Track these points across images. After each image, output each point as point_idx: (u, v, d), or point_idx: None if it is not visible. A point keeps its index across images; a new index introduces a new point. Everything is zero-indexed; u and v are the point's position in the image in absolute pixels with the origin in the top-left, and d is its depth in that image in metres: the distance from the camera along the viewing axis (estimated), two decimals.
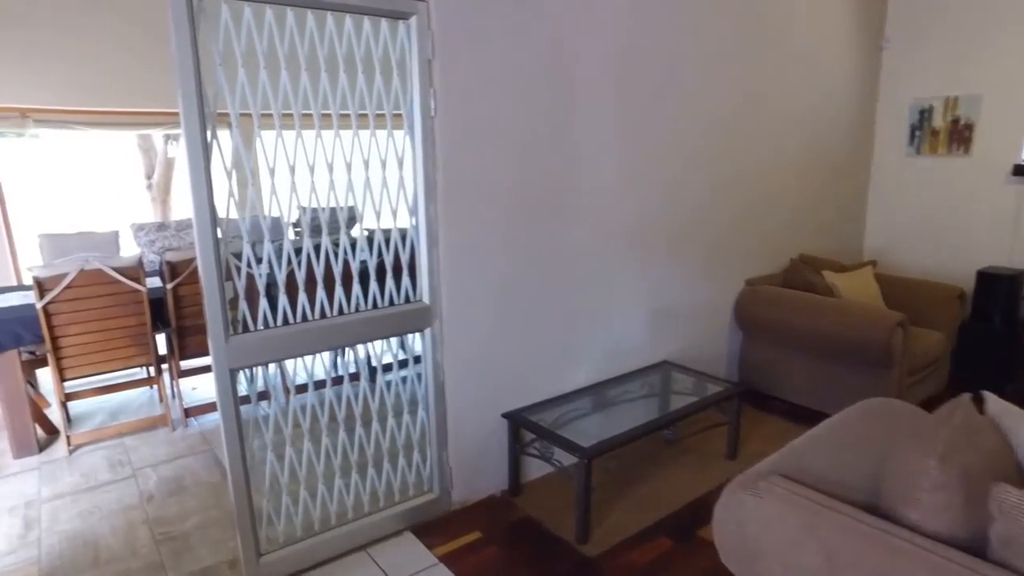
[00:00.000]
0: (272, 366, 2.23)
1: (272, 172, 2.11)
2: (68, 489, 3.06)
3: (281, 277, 2.18)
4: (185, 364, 3.80)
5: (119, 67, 5.56)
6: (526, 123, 2.59)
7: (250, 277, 2.10)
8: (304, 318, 2.24)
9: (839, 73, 4.20)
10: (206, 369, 4.13)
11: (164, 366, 3.77)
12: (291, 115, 2.14)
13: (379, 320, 2.34)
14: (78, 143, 7.38)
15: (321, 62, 2.15)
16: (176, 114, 6.09)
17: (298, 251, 2.24)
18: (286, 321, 2.20)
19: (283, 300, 2.19)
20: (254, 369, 2.15)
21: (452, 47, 2.32)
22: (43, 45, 5.24)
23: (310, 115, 2.19)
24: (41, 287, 3.08)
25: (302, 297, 2.22)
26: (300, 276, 2.22)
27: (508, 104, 2.52)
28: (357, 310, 2.35)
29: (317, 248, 2.28)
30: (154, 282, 3.77)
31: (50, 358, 3.27)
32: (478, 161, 2.47)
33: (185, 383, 4.18)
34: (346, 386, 2.41)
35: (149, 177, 6.84)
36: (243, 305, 2.09)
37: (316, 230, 2.44)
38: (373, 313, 2.34)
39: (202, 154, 1.89)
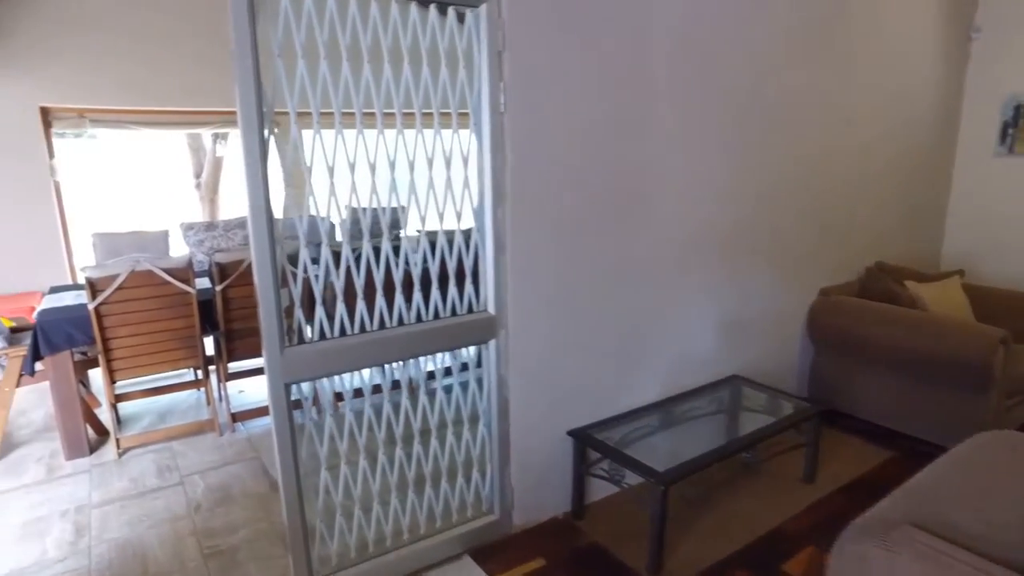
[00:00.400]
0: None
1: (331, 171, 1.97)
2: (118, 494, 2.99)
3: (339, 283, 2.04)
4: (232, 367, 3.72)
5: (171, 66, 5.56)
6: (598, 122, 2.40)
7: (307, 283, 1.97)
8: (362, 329, 2.10)
9: (922, 66, 3.90)
10: (253, 372, 4.06)
11: (211, 367, 3.70)
12: (352, 113, 1.99)
13: (441, 332, 2.19)
14: (131, 143, 7.47)
15: (384, 54, 2.00)
16: (224, 113, 6.09)
17: (356, 256, 2.10)
18: (343, 332, 2.06)
19: (340, 308, 2.05)
20: (311, 383, 2.02)
21: (524, 39, 2.15)
22: (99, 46, 5.27)
23: (371, 114, 2.04)
24: (93, 288, 3.02)
25: (360, 305, 2.08)
26: (359, 282, 2.07)
27: (580, 101, 2.33)
28: (419, 320, 2.20)
29: (376, 252, 2.13)
30: (202, 283, 3.70)
31: (101, 359, 3.22)
32: (547, 162, 2.29)
33: (232, 386, 4.12)
34: (404, 398, 2.26)
35: (198, 176, 6.87)
36: (298, 314, 1.96)
37: (375, 233, 2.29)
38: (435, 324, 2.19)
39: (259, 153, 1.76)
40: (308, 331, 2.01)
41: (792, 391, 3.62)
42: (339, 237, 2.16)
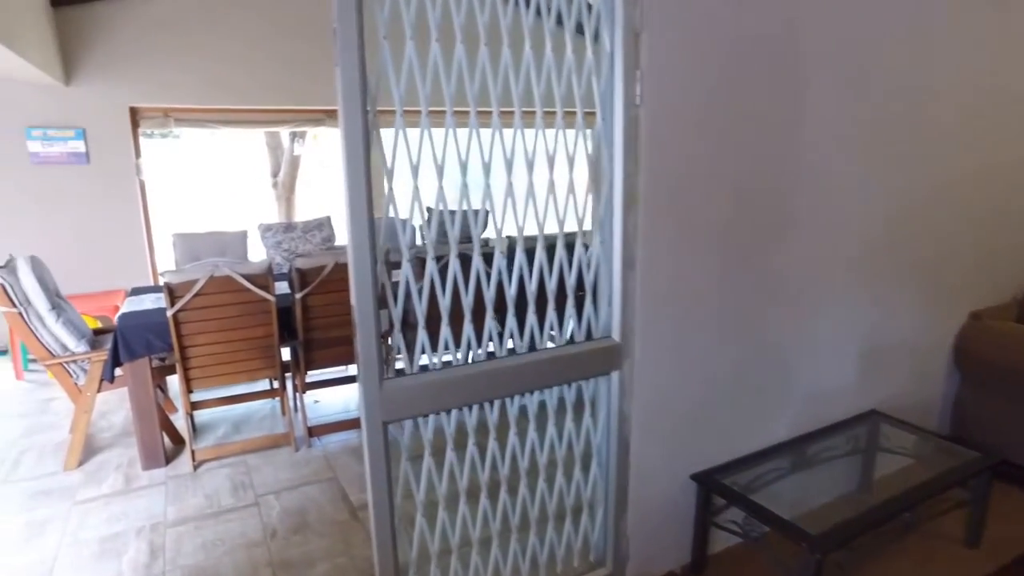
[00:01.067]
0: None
1: (440, 172, 1.69)
2: (192, 512, 2.82)
3: (444, 301, 1.76)
4: (308, 375, 3.53)
5: (252, 65, 5.49)
6: (742, 122, 2.04)
7: (408, 302, 1.69)
8: (467, 357, 1.81)
9: None
10: (330, 383, 3.88)
11: (286, 375, 3.52)
12: (465, 111, 1.70)
13: (559, 362, 1.88)
14: (211, 143, 7.52)
15: (503, 35, 1.70)
16: (303, 111, 6.00)
17: (463, 268, 1.82)
18: (446, 362, 1.78)
19: (445, 332, 1.77)
20: (412, 420, 1.74)
21: (666, 17, 1.81)
22: (185, 46, 5.24)
23: (486, 112, 1.75)
24: (172, 293, 2.86)
25: (467, 329, 1.80)
26: (467, 301, 1.79)
27: (724, 96, 1.98)
28: (532, 348, 1.90)
29: (485, 263, 1.84)
30: (279, 287, 3.52)
31: (178, 368, 3.06)
32: (685, 164, 1.95)
33: (307, 395, 3.93)
34: (512, 435, 1.96)
35: (275, 175, 6.82)
36: (398, 339, 1.69)
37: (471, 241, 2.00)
38: (553, 353, 1.88)
39: (362, 150, 1.49)
40: (404, 359, 1.74)
41: (933, 428, 3.14)
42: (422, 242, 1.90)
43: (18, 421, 3.88)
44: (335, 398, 4.10)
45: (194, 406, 3.43)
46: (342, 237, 4.89)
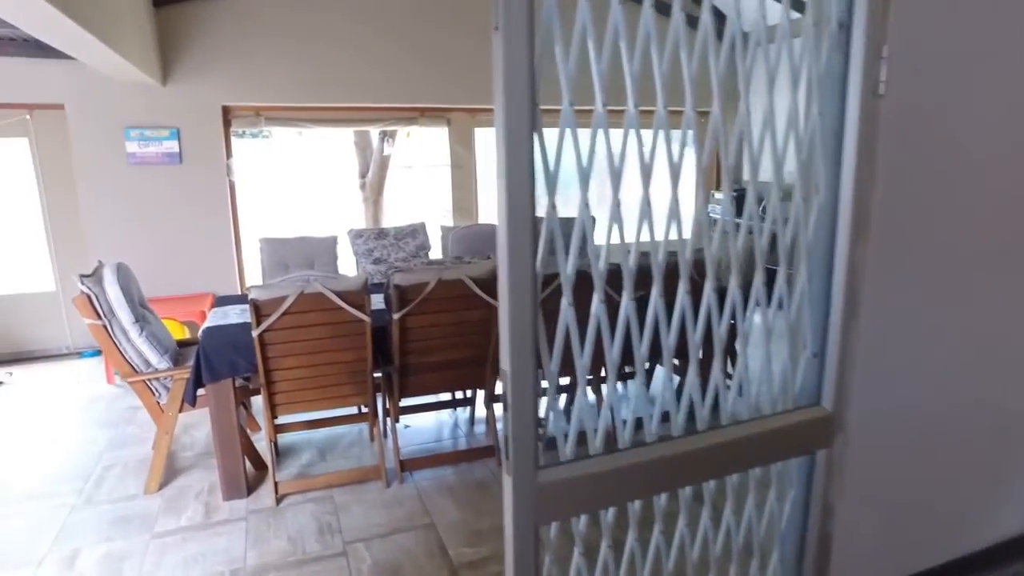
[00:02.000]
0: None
1: (616, 176, 1.25)
2: (275, 558, 2.51)
3: (613, 353, 1.31)
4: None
5: (343, 64, 5.24)
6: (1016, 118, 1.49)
7: (567, 349, 1.25)
8: (635, 438, 1.36)
9: None
10: (421, 408, 3.53)
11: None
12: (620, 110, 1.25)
13: (750, 440, 1.39)
14: (299, 143, 7.41)
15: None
16: (394, 109, 5.73)
17: (640, 304, 1.36)
18: (608, 445, 1.33)
19: (613, 393, 1.32)
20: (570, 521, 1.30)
21: None
22: (277, 45, 5.05)
23: (648, 111, 1.29)
24: (258, 311, 2.55)
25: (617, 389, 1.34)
26: (640, 350, 1.33)
27: (1006, 88, 1.44)
28: (713, 422, 1.42)
29: (667, 299, 1.38)
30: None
31: (263, 392, 2.77)
32: (943, 181, 1.42)
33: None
34: (680, 525, 1.50)
35: (363, 176, 6.60)
36: (555, 403, 1.26)
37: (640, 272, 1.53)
38: (747, 429, 1.40)
39: (525, 154, 1.06)
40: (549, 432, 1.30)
41: None
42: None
43: (105, 431, 3.73)
44: (426, 422, 3.74)
45: (277, 429, 3.15)
46: (437, 247, 4.55)
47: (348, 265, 4.28)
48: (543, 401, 1.28)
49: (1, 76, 4.53)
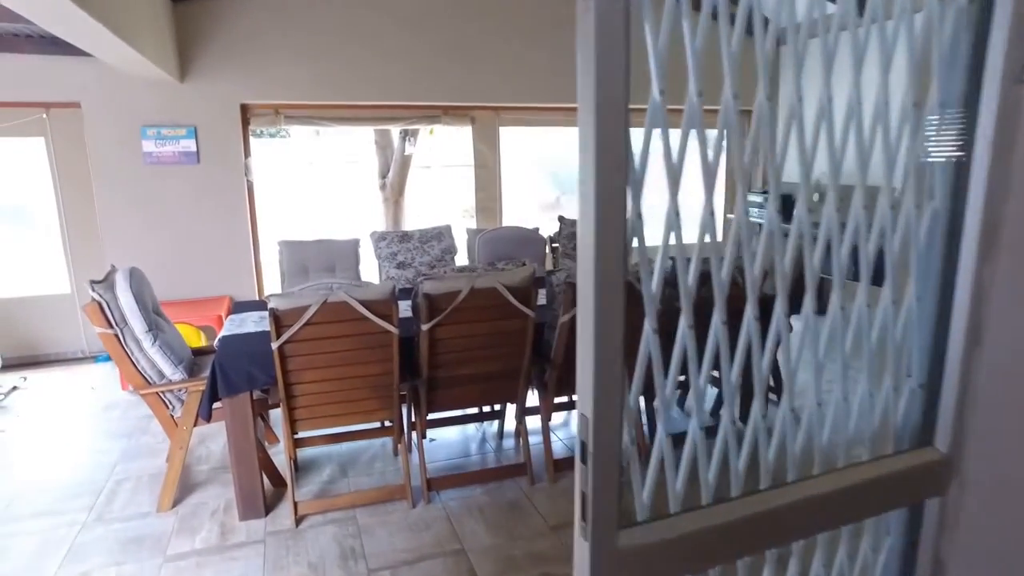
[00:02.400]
0: None
1: (711, 178, 1.05)
2: None
3: (732, 377, 1.10)
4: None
5: (364, 61, 5.08)
6: None
7: (649, 375, 1.05)
8: (720, 491, 1.15)
9: None
10: (448, 422, 3.34)
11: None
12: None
13: (853, 491, 1.18)
14: (319, 143, 7.28)
15: None
16: (417, 107, 5.56)
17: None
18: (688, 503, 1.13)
19: (696, 437, 1.12)
20: None
21: None
22: (296, 42, 4.89)
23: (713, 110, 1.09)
24: (278, 322, 2.38)
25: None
26: (729, 382, 1.13)
27: None
28: (817, 466, 1.21)
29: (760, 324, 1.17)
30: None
31: (283, 408, 2.60)
32: None
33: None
34: None
35: (383, 176, 6.44)
36: (630, 453, 1.05)
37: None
38: (843, 477, 1.19)
39: (620, 151, 0.86)
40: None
41: None
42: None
43: (118, 442, 3.59)
44: (451, 435, 3.56)
45: (296, 444, 2.98)
46: (463, 250, 4.36)
47: (370, 269, 4.11)
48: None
49: (17, 74, 4.42)
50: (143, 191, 4.74)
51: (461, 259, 4.20)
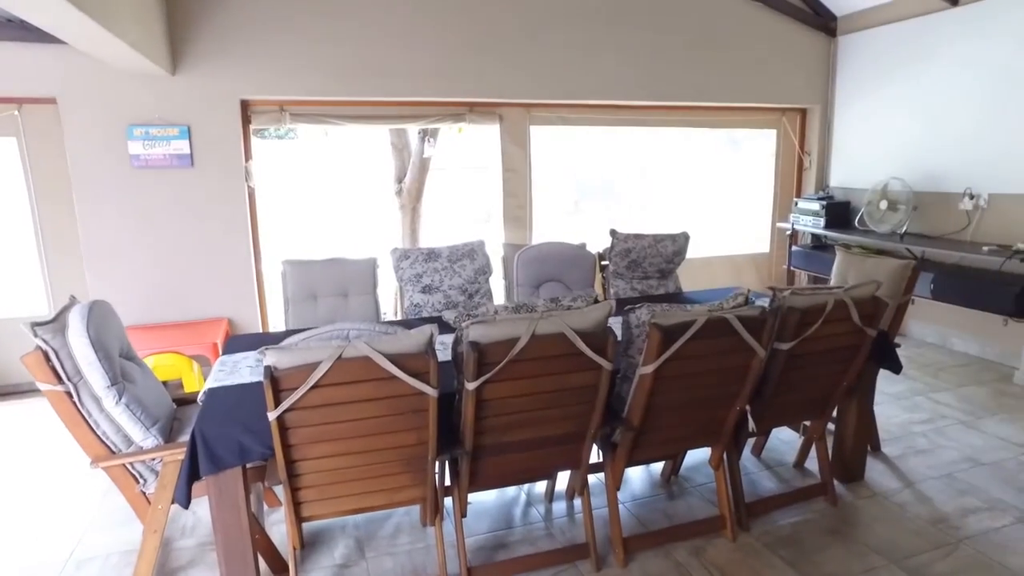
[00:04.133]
0: None
1: None
2: None
3: None
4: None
5: (380, 51, 4.46)
6: None
7: None
8: None
9: None
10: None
11: None
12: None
13: None
14: (327, 144, 6.67)
15: None
16: (440, 104, 4.93)
17: None
18: None
19: None
20: None
21: None
22: (305, 29, 4.28)
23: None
24: (277, 385, 1.75)
25: None
26: None
27: None
28: None
29: None
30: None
31: (284, 490, 1.97)
32: None
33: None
34: None
35: (400, 181, 5.83)
36: None
37: None
38: None
39: None
40: None
41: None
42: None
43: (87, 503, 2.98)
44: (488, 497, 2.92)
45: (302, 519, 2.35)
46: (498, 269, 3.72)
47: (390, 292, 3.48)
48: None
49: None
50: (129, 198, 4.14)
51: (496, 280, 3.57)
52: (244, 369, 2.41)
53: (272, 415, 1.76)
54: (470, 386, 1.93)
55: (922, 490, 2.91)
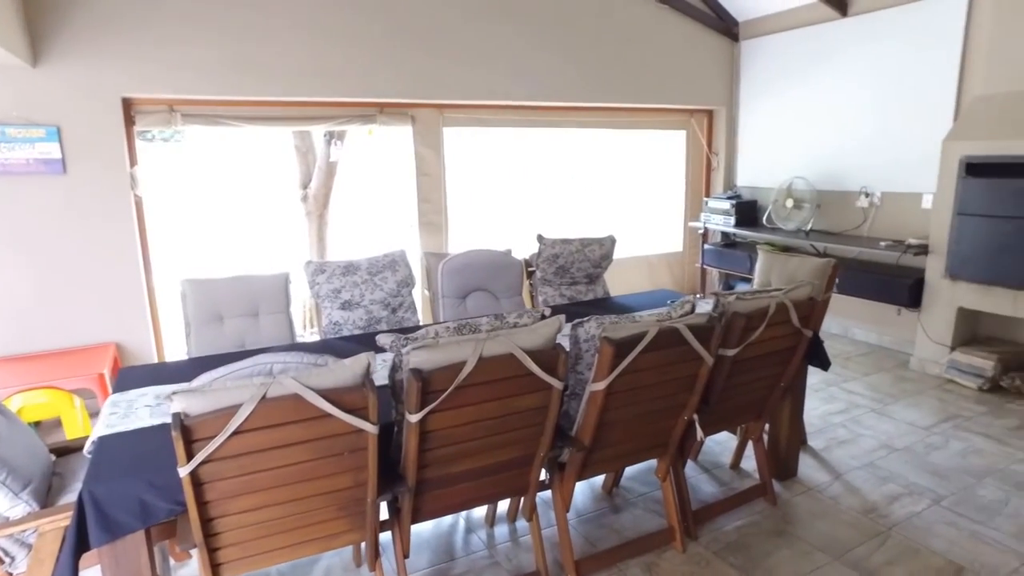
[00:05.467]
0: None
1: None
2: None
3: None
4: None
5: (283, 45, 4.12)
6: None
7: None
8: None
9: None
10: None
11: None
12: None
13: None
14: (224, 148, 6.17)
15: None
16: (347, 104, 4.63)
17: None
18: None
19: None
20: None
21: None
22: (195, 17, 3.87)
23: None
24: (189, 435, 1.49)
25: None
26: None
27: None
28: None
29: None
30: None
31: (200, 551, 1.69)
32: None
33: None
34: None
35: (305, 187, 5.46)
36: None
37: None
38: None
39: None
40: None
41: None
42: None
43: None
44: (423, 529, 2.72)
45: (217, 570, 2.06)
46: (422, 280, 3.51)
47: (306, 309, 3.19)
48: None
49: None
50: None
51: (419, 292, 3.36)
52: (142, 410, 2.08)
53: (184, 470, 1.49)
54: (412, 418, 1.74)
55: (849, 480, 3.00)
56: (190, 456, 1.49)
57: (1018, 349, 4.15)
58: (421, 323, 3.31)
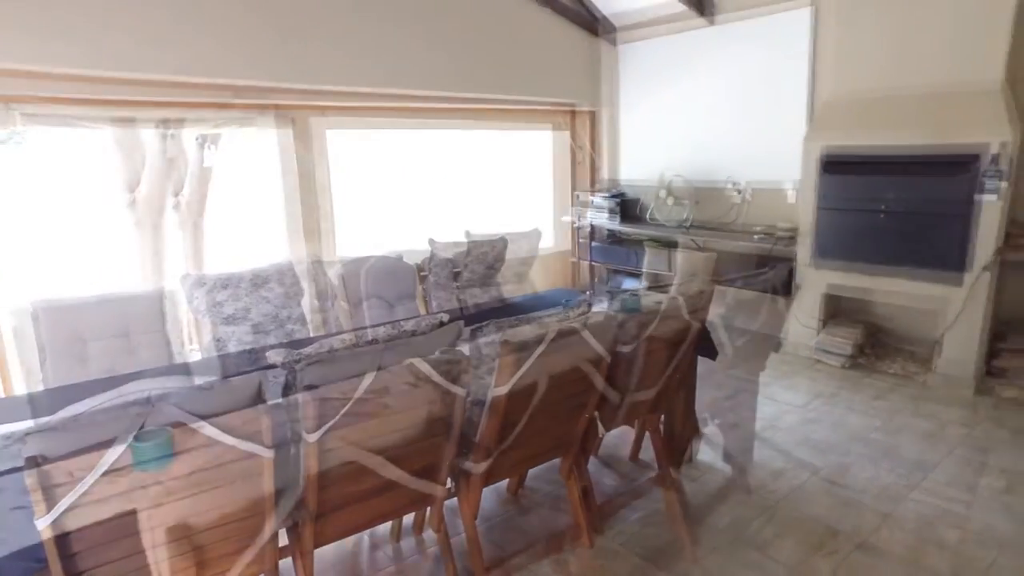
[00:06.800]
0: None
1: None
2: None
3: None
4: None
5: (149, 29, 3.76)
6: None
7: None
8: None
9: None
10: None
11: None
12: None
13: None
14: (69, 147, 5.56)
15: None
16: (222, 106, 4.30)
17: None
18: None
19: None
20: None
21: None
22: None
23: None
24: (48, 479, 1.31)
25: None
26: None
27: None
28: None
29: None
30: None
31: None
32: None
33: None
34: None
35: (177, 194, 5.04)
36: None
37: None
38: None
39: None
40: None
41: None
42: None
43: None
44: (324, 550, 2.58)
45: None
46: (315, 289, 3.34)
47: (185, 327, 2.95)
48: None
49: None
50: None
51: (307, 302, 3.21)
52: None
53: (43, 522, 1.32)
54: (311, 438, 1.64)
55: (740, 461, 3.18)
56: (51, 505, 1.31)
57: (870, 328, 4.60)
58: (312, 335, 3.16)
